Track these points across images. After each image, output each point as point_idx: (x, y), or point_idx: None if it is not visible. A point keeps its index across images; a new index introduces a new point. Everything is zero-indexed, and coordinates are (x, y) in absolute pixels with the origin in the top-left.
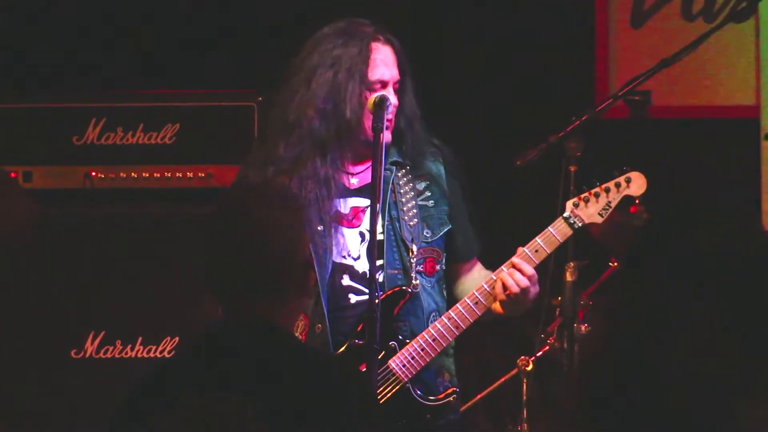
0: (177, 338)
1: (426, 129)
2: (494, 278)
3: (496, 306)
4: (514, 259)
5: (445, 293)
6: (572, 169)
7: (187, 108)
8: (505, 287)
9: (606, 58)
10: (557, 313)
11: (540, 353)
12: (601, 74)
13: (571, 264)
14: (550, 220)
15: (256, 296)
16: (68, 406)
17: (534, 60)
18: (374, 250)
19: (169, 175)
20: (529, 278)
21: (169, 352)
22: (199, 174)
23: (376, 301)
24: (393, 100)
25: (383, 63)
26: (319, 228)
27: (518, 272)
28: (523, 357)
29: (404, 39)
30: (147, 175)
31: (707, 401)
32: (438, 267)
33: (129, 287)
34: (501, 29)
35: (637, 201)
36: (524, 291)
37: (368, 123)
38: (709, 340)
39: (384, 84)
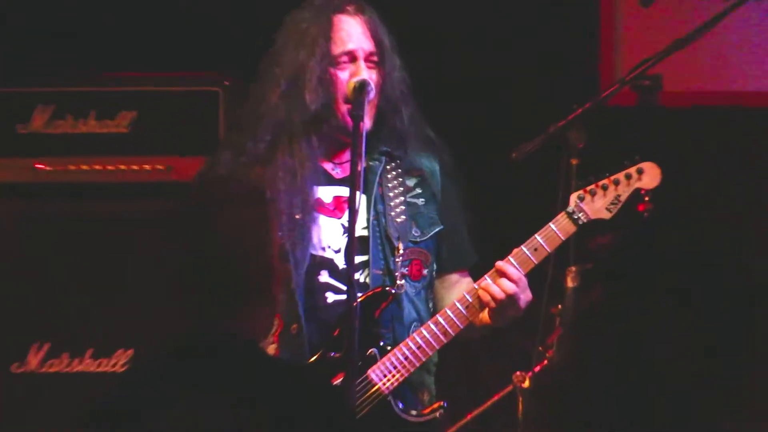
0: (131, 350)
1: (420, 116)
2: (476, 287)
3: (482, 316)
4: (499, 263)
5: (431, 304)
6: (574, 162)
7: (144, 93)
8: (491, 296)
9: (612, 39)
10: (557, 323)
11: (538, 368)
12: (607, 57)
13: (573, 268)
14: (548, 218)
15: (218, 301)
16: (8, 427)
17: (532, 41)
18: (352, 248)
19: (125, 168)
20: (517, 283)
21: (122, 366)
22: (158, 167)
23: (355, 303)
24: (365, 75)
25: (348, 34)
26: (296, 217)
27: (504, 278)
28: (519, 372)
29: (402, 12)
30: (99, 167)
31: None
32: (425, 271)
33: (78, 293)
34: (499, 5)
35: (647, 198)
36: (512, 298)
37: (342, 107)
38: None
39: (352, 57)
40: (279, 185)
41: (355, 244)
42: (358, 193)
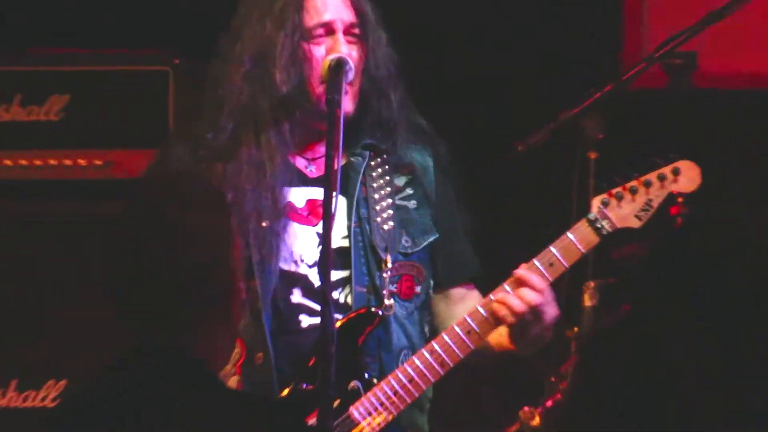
0: (64, 382)
1: (410, 103)
2: (492, 299)
3: (501, 339)
4: (519, 271)
5: (427, 329)
6: (592, 156)
7: (79, 73)
8: (509, 310)
9: (638, 11)
10: (573, 348)
11: (549, 403)
12: (632, 31)
13: (592, 283)
14: (562, 226)
15: (166, 321)
16: None
17: (545, 14)
18: (327, 260)
19: (55, 163)
20: (541, 294)
21: (53, 401)
22: (96, 162)
23: (332, 327)
24: (344, 50)
25: (323, 3)
26: (263, 224)
27: (526, 287)
28: (527, 408)
29: None
30: (26, 162)
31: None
32: (418, 289)
33: (0, 313)
34: None
35: (680, 199)
36: (536, 313)
37: (318, 89)
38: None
39: (329, 29)
40: (244, 184)
41: (332, 256)
42: (335, 193)
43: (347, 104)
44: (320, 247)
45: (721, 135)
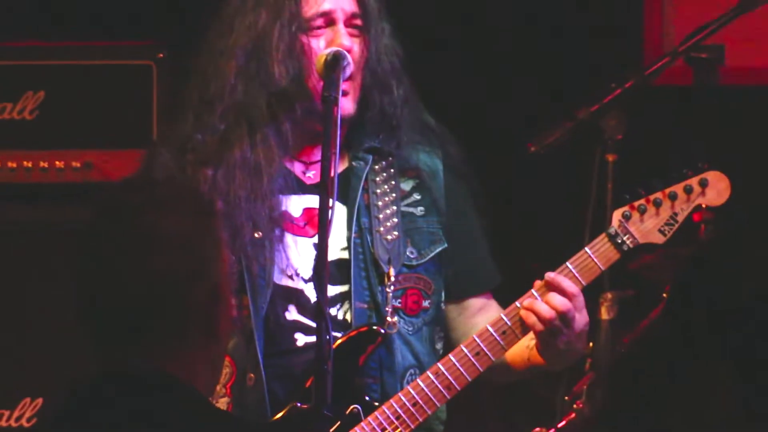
0: (40, 400)
1: (416, 101)
2: (518, 306)
3: (530, 353)
4: (550, 274)
5: (439, 345)
6: (611, 158)
7: (55, 68)
8: (537, 316)
9: (660, 1)
10: (587, 366)
11: (563, 423)
12: (654, 23)
13: (609, 295)
14: (578, 234)
15: (142, 338)
16: None
17: (562, 4)
18: (323, 272)
19: (30, 165)
20: (571, 299)
21: (28, 421)
22: (73, 163)
23: (331, 344)
24: (347, 43)
25: None
26: (255, 236)
27: (555, 292)
28: (538, 429)
29: None
30: None
31: None
32: (426, 303)
33: None
34: None
35: (704, 205)
36: (566, 319)
37: (318, 84)
38: None
39: (329, 20)
40: (237, 191)
41: (328, 267)
42: (333, 200)
43: (348, 104)
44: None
45: (751, 134)
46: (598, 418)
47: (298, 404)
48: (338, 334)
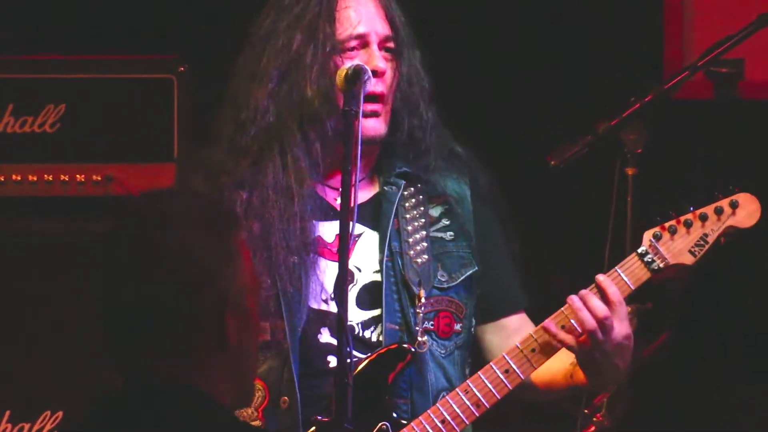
0: (60, 413)
1: (443, 129)
2: (562, 315)
3: (572, 369)
4: (600, 276)
5: (468, 370)
6: (630, 171)
7: (76, 82)
8: (580, 323)
9: (680, 15)
10: None
11: None
12: (673, 37)
13: (629, 308)
14: (598, 250)
15: (151, 348)
16: None
17: (582, 18)
18: (343, 286)
19: (51, 179)
20: (612, 307)
21: None
22: (94, 177)
23: (351, 357)
24: (381, 65)
25: (357, 13)
26: (292, 260)
27: (595, 297)
28: None
29: None
30: (19, 177)
31: None
32: (458, 327)
33: None
34: None
35: (723, 239)
36: (604, 326)
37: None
38: None
39: (363, 42)
40: (270, 213)
41: (346, 276)
42: (355, 209)
43: (380, 125)
44: (352, 285)
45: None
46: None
47: (319, 417)
48: (369, 354)
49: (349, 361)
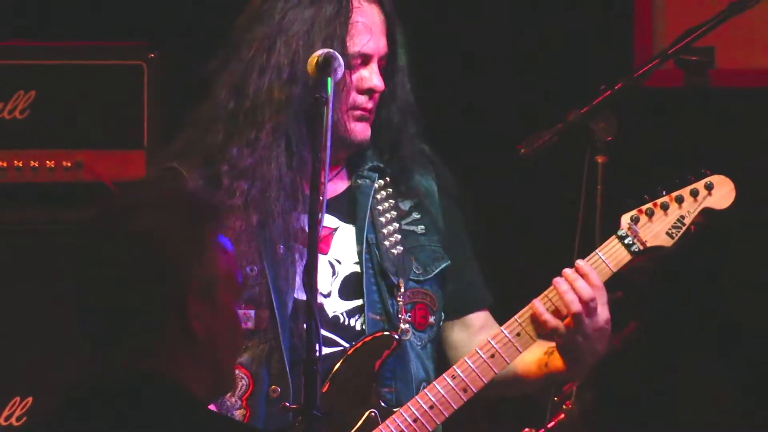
0: (29, 399)
1: (419, 131)
2: (534, 306)
3: (547, 359)
4: (580, 262)
5: (434, 365)
6: (600, 160)
7: (46, 68)
8: (566, 305)
9: (650, 3)
10: None
11: (552, 423)
12: (643, 25)
13: None
14: (568, 239)
15: (122, 334)
16: None
17: (552, 6)
18: (312, 273)
19: (21, 165)
20: (596, 289)
21: (18, 420)
22: (64, 163)
23: (320, 345)
24: (377, 82)
25: (367, 29)
26: (282, 251)
27: (580, 279)
28: (527, 430)
29: None
30: None
31: None
32: (432, 320)
33: None
34: None
35: (700, 219)
36: (589, 308)
37: (345, 116)
38: None
39: (366, 60)
40: (270, 207)
41: (316, 270)
42: (324, 197)
43: (367, 130)
44: (334, 277)
45: (741, 136)
46: (587, 419)
47: (288, 404)
48: (353, 342)
49: (318, 354)
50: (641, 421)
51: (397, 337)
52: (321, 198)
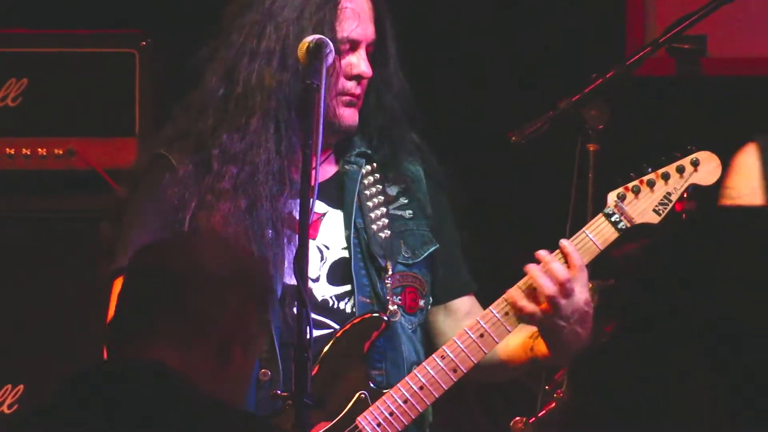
0: (21, 387)
1: (409, 119)
2: (518, 288)
3: (532, 342)
4: (564, 241)
5: (424, 348)
6: (592, 148)
7: (38, 56)
8: (540, 289)
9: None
10: None
11: (543, 412)
12: (635, 14)
13: (591, 284)
14: (560, 226)
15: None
16: None
17: (550, 6)
18: (303, 259)
19: (13, 152)
20: (573, 270)
21: (10, 407)
22: (56, 151)
23: (311, 332)
24: (365, 68)
25: (355, 15)
26: (271, 236)
27: (556, 261)
28: (518, 418)
29: None
30: None
31: None
32: (422, 303)
33: None
34: None
35: (686, 195)
36: (565, 290)
37: (332, 101)
38: None
39: (354, 45)
40: (259, 191)
41: (307, 256)
42: (316, 182)
43: (355, 116)
44: (323, 262)
45: (733, 125)
46: (578, 408)
47: (279, 392)
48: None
49: (309, 337)
50: (631, 411)
51: (386, 318)
52: (312, 184)
